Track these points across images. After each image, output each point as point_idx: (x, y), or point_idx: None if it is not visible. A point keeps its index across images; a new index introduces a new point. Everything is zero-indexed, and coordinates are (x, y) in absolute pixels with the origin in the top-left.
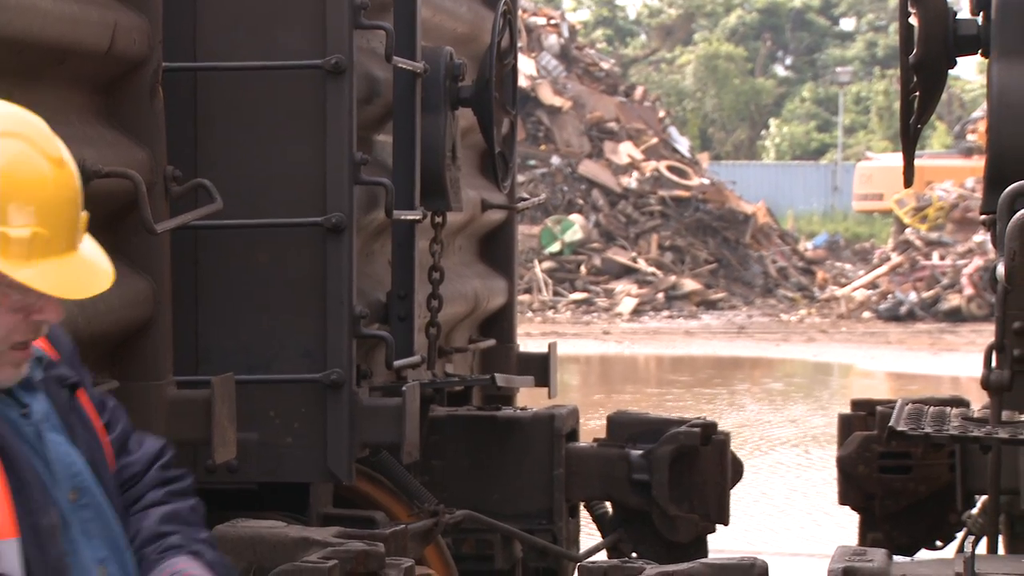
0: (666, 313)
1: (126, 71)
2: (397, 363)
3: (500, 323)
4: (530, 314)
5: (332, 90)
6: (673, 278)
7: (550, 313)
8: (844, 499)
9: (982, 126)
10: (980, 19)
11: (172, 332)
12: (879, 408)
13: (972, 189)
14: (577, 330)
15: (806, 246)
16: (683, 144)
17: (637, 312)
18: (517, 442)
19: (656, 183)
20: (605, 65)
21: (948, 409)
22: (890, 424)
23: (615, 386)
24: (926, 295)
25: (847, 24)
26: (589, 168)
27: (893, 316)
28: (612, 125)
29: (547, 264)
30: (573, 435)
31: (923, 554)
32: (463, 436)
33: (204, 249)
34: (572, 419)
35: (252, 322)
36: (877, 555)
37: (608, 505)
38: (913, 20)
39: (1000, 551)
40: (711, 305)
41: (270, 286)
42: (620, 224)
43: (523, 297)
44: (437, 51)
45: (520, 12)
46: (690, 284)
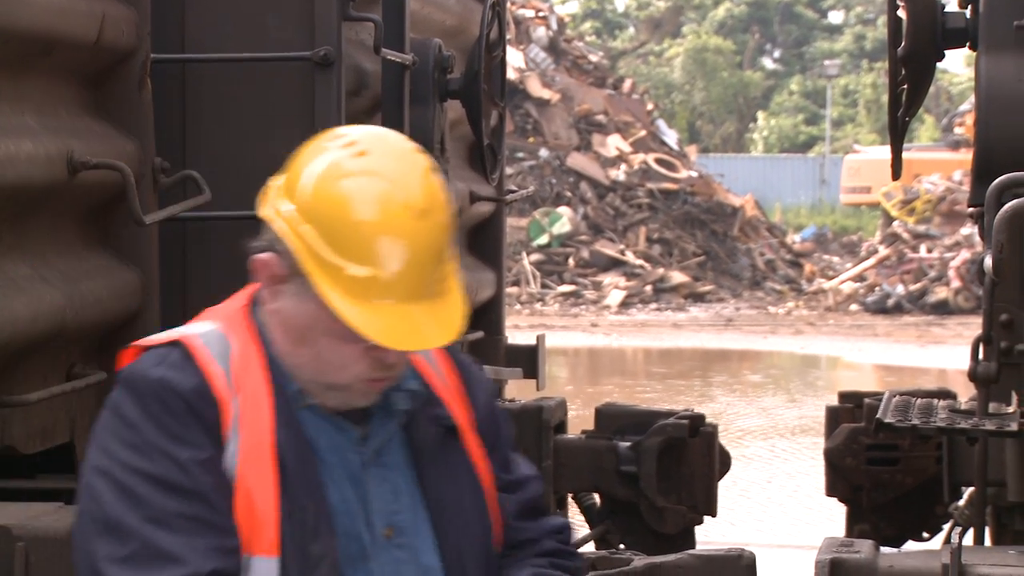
0: (654, 306)
1: (114, 62)
2: None
3: (488, 315)
4: (518, 306)
5: (320, 82)
6: (661, 271)
7: (538, 305)
8: (831, 490)
9: (970, 119)
10: (968, 12)
11: (160, 323)
12: (866, 400)
13: (959, 182)
14: (565, 322)
15: (794, 239)
16: (671, 137)
17: (625, 304)
18: None
19: (644, 176)
20: (593, 58)
21: (935, 401)
22: (877, 416)
23: (603, 378)
24: (913, 288)
25: (835, 17)
26: (577, 161)
27: (880, 309)
28: (600, 118)
29: (535, 256)
30: (561, 427)
31: (910, 545)
32: None
33: (192, 241)
34: (560, 411)
35: None
36: (864, 546)
37: (596, 497)
38: (901, 13)
39: (987, 543)
40: (699, 298)
41: None
42: (608, 217)
43: (511, 289)
44: (426, 43)
45: (508, 4)
46: (678, 277)
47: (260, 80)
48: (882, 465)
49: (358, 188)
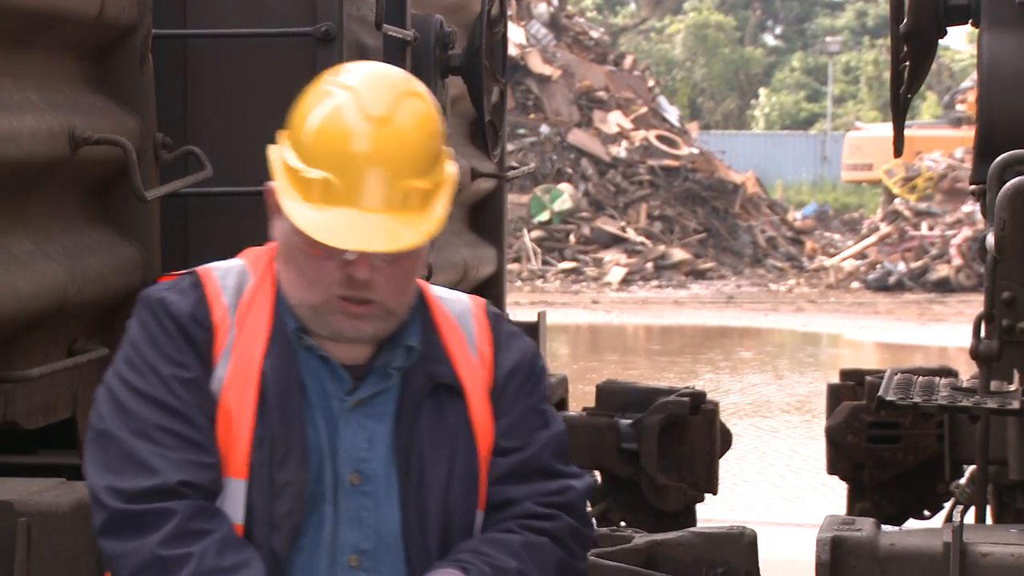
0: (655, 283)
1: (116, 38)
2: None
3: (489, 292)
4: (519, 283)
5: (322, 58)
6: (662, 248)
7: (539, 282)
8: (833, 469)
9: (972, 96)
10: None
11: None
12: (868, 378)
13: (961, 159)
14: (566, 299)
15: (795, 216)
16: (672, 113)
17: (626, 281)
18: None
19: (645, 152)
20: (595, 34)
21: (937, 379)
22: (879, 394)
23: (604, 355)
24: (915, 265)
25: None
26: (578, 137)
27: (882, 286)
28: (601, 94)
29: (536, 233)
30: (562, 404)
31: (911, 523)
32: None
33: (194, 216)
34: (561, 388)
35: None
36: (865, 524)
37: (597, 474)
38: None
39: (988, 521)
40: (700, 275)
41: None
42: (609, 193)
43: (512, 266)
44: (427, 19)
45: None
46: (679, 254)
47: (261, 56)
48: (883, 443)
49: (326, 99)
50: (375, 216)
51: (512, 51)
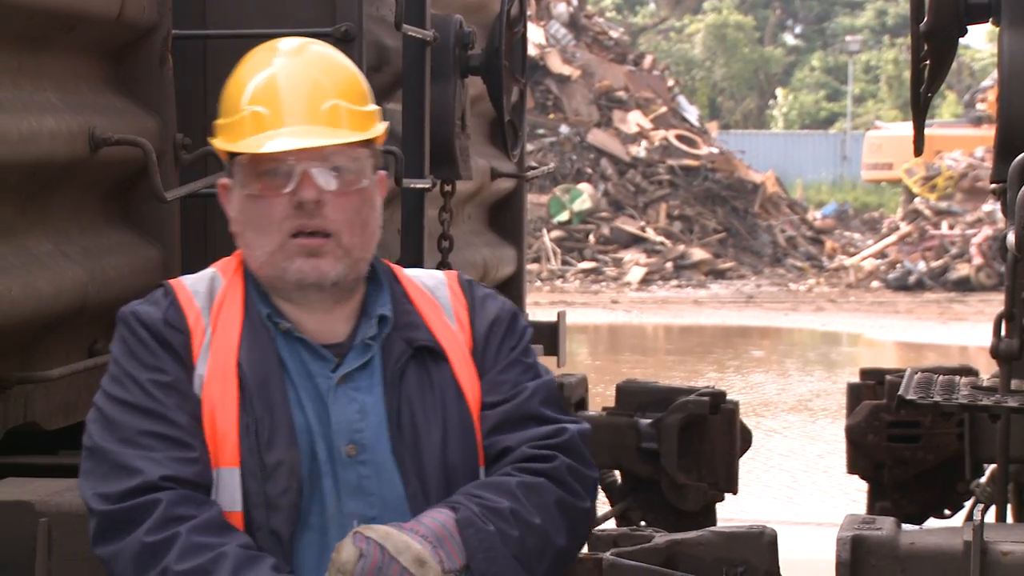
0: (674, 282)
1: (136, 38)
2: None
3: (509, 292)
4: (539, 283)
5: None
6: (682, 247)
7: (558, 282)
8: (853, 468)
9: (992, 95)
10: None
11: None
12: (888, 377)
13: (982, 158)
14: (586, 299)
15: (815, 215)
16: (692, 113)
17: (645, 281)
18: None
19: (665, 152)
20: (614, 34)
21: (957, 378)
22: (899, 393)
23: (624, 355)
24: (935, 264)
25: None
26: (598, 137)
27: (902, 286)
28: (621, 94)
29: (556, 233)
30: (582, 404)
31: (932, 522)
32: None
33: (213, 217)
34: (581, 388)
35: None
36: (886, 523)
37: (617, 474)
38: None
39: (1009, 520)
40: (720, 274)
41: None
42: (629, 193)
43: (532, 266)
44: (447, 19)
45: None
46: (699, 253)
47: None
48: (904, 442)
49: (243, 63)
50: (306, 127)
51: (532, 51)
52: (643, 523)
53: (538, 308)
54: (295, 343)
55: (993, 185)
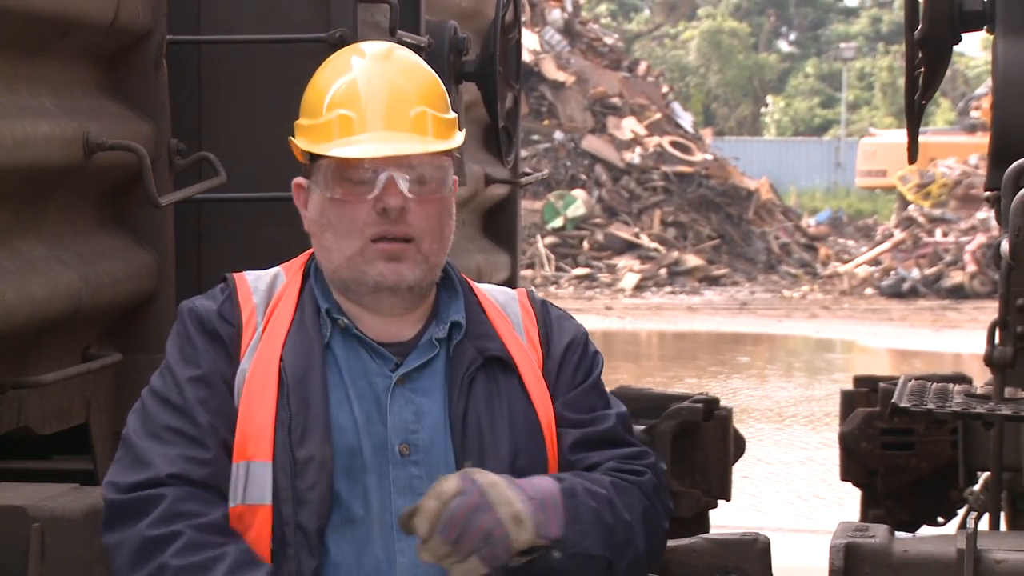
0: (668, 289)
1: (130, 44)
2: None
3: None
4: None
5: None
6: (676, 254)
7: (552, 288)
8: (846, 475)
9: (986, 103)
10: None
11: (175, 305)
12: (882, 384)
13: (975, 166)
14: (579, 305)
15: (809, 222)
16: (686, 120)
17: (639, 288)
18: None
19: (659, 158)
20: (609, 40)
21: (951, 386)
22: (893, 400)
23: (617, 362)
24: (929, 272)
25: (851, 0)
26: (592, 143)
27: (895, 293)
28: (615, 100)
29: (550, 239)
30: None
31: (925, 530)
32: None
33: (208, 222)
34: None
35: None
36: (879, 531)
37: None
38: None
39: (1002, 528)
40: (714, 281)
41: (274, 260)
42: (623, 199)
43: (526, 272)
44: (441, 25)
45: None
46: (693, 260)
47: (276, 62)
48: (897, 450)
49: (328, 63)
50: (396, 134)
51: (526, 57)
52: None
53: None
54: (352, 340)
55: (987, 193)
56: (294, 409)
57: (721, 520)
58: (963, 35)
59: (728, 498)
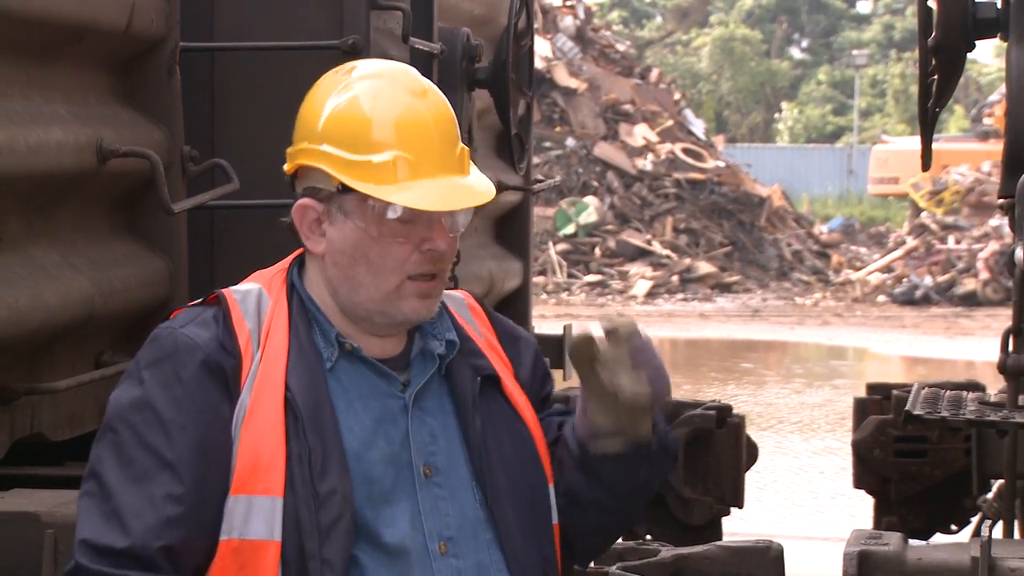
0: (680, 296)
1: (144, 50)
2: None
3: (515, 305)
4: (544, 296)
5: None
6: (688, 261)
7: (564, 295)
8: (859, 483)
9: (999, 110)
10: (999, 2)
11: None
12: (895, 392)
13: (988, 173)
14: (591, 312)
15: (821, 229)
16: (698, 127)
17: (651, 295)
18: None
19: (671, 165)
20: (621, 47)
21: (964, 393)
22: (906, 408)
23: None
24: (941, 279)
25: (864, 7)
26: (604, 150)
27: (908, 300)
28: (627, 107)
29: (562, 246)
30: None
31: (938, 538)
32: None
33: (221, 229)
34: None
35: None
36: (892, 539)
37: None
38: (932, 3)
39: (1016, 535)
40: (726, 288)
41: None
42: (635, 206)
43: (538, 279)
44: (454, 32)
45: None
46: (705, 267)
47: (288, 69)
48: (910, 457)
49: (357, 91)
50: (453, 179)
51: (538, 64)
52: (649, 537)
53: (544, 321)
54: (356, 362)
55: (1001, 200)
56: (311, 443)
57: (734, 528)
58: (977, 42)
59: (741, 505)
